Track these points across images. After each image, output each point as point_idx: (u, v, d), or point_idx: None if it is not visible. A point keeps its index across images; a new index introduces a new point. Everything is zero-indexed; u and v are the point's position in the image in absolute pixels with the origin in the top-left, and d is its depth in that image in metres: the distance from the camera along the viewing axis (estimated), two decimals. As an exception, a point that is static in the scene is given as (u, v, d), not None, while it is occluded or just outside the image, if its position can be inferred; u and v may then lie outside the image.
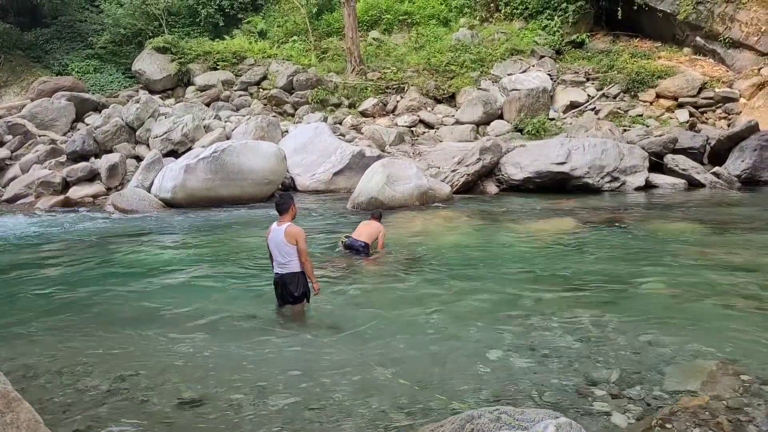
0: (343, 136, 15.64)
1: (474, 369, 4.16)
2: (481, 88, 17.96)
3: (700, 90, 16.42)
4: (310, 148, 13.97)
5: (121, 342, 4.93)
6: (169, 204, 11.95)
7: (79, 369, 4.38)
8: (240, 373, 4.26)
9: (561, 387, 3.78)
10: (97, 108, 17.73)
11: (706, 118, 16.06)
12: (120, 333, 5.17)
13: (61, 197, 12.73)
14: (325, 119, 16.88)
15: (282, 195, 5.49)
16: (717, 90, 16.38)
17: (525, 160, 12.77)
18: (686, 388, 3.67)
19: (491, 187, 12.84)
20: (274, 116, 17.17)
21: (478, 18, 21.40)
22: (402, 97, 18.39)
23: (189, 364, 4.46)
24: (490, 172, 13.00)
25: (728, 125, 15.45)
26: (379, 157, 12.99)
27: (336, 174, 13.24)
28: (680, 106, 16.37)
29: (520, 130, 15.95)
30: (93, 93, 19.17)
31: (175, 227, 10.23)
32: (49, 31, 22.15)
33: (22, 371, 4.36)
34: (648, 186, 12.54)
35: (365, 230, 7.77)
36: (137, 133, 15.27)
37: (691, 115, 15.98)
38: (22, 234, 9.80)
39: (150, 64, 20.04)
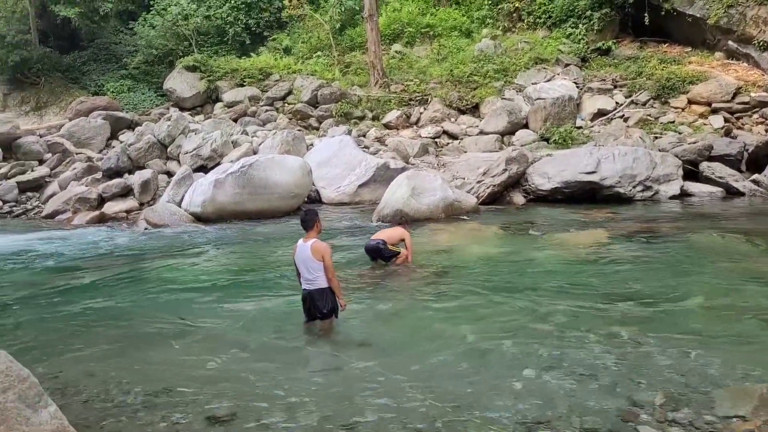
0: (368, 148, 15.66)
1: (509, 388, 4.04)
2: (505, 98, 17.80)
3: (735, 95, 15.92)
4: (335, 161, 14.03)
5: (155, 358, 4.98)
6: (199, 218, 12.12)
7: (115, 384, 4.44)
8: (270, 390, 4.24)
9: (602, 410, 3.62)
10: (131, 126, 18.23)
11: (742, 124, 15.55)
12: (153, 349, 5.22)
13: (97, 213, 13.04)
14: (349, 132, 16.95)
15: (307, 211, 5.50)
16: (752, 94, 15.85)
17: (552, 169, 12.56)
18: (736, 412, 3.47)
19: (518, 198, 12.65)
20: (300, 130, 17.34)
21: (500, 28, 21.29)
22: (425, 109, 18.36)
23: (220, 380, 4.47)
24: (516, 182, 12.81)
25: (766, 131, 14.92)
26: (403, 169, 12.94)
27: (361, 186, 13.24)
28: (714, 111, 15.88)
29: (547, 140, 15.71)
30: (127, 111, 19.71)
31: (205, 241, 10.36)
32: (86, 54, 23.00)
33: (62, 387, 4.42)
34: (683, 195, 12.17)
35: (386, 233, 7.77)
36: (168, 149, 15.60)
37: (726, 120, 15.49)
38: (59, 250, 10.03)
39: (180, 82, 20.54)
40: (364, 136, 17.18)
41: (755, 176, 12.32)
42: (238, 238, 10.54)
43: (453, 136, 17.14)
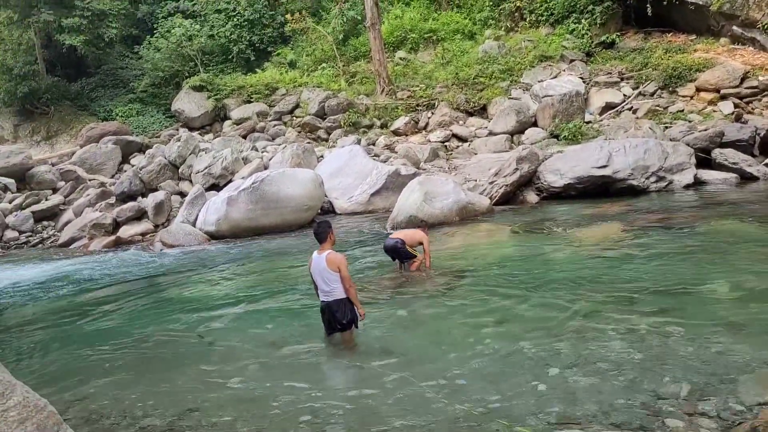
0: (378, 156, 15.73)
1: (533, 388, 4.03)
2: (512, 98, 17.78)
3: (743, 80, 15.73)
4: (346, 171, 14.10)
5: (177, 379, 5.02)
6: (214, 236, 12.24)
7: (140, 408, 4.47)
8: (295, 406, 4.25)
9: (628, 405, 3.60)
10: (141, 149, 18.50)
11: (752, 108, 15.34)
12: (176, 370, 5.26)
13: (113, 237, 13.22)
14: (358, 141, 17.04)
15: (320, 223, 5.50)
16: (761, 78, 15.65)
17: (564, 166, 12.50)
18: (765, 399, 3.43)
19: (531, 197, 12.60)
20: (309, 142, 17.47)
21: (503, 28, 21.31)
22: (433, 113, 18.40)
23: (244, 398, 4.49)
24: (528, 181, 12.77)
25: (777, 113, 14.72)
26: (414, 175, 12.96)
27: (373, 195, 13.29)
28: (723, 98, 15.71)
29: (556, 136, 15.65)
30: (137, 135, 20.01)
31: (221, 259, 10.45)
32: (94, 80, 23.43)
33: (86, 414, 4.46)
34: (697, 183, 12.03)
35: (404, 233, 7.82)
36: (180, 169, 15.80)
37: (736, 106, 15.30)
38: (77, 277, 10.18)
39: (188, 102, 20.83)
40: (373, 144, 17.26)
41: (769, 160, 12.17)
42: (254, 254, 10.62)
43: (462, 139, 17.15)
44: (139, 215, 14.04)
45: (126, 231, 13.54)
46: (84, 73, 23.60)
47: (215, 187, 14.54)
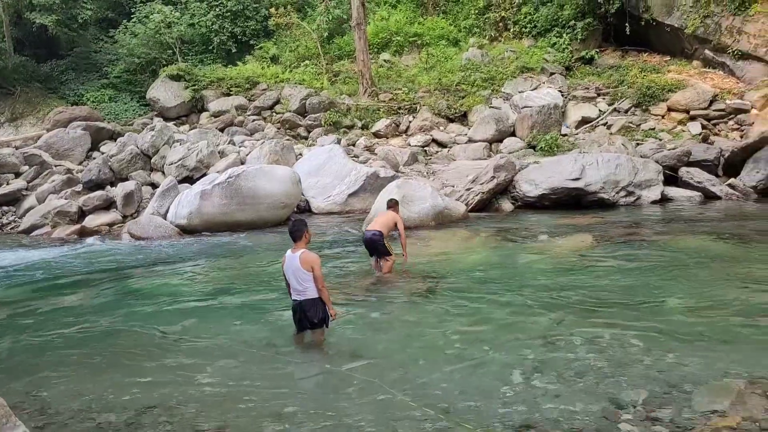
0: (357, 157, 15.75)
1: (499, 393, 4.13)
2: (492, 106, 18.03)
3: (711, 102, 16.33)
4: (325, 171, 14.08)
5: (139, 373, 4.92)
6: (185, 230, 12.05)
7: (98, 403, 4.37)
8: (260, 403, 4.24)
9: (588, 411, 3.73)
10: (113, 137, 18.01)
11: (719, 130, 15.93)
12: (138, 364, 5.15)
13: (78, 226, 12.78)
14: (338, 141, 17.02)
15: (295, 222, 5.49)
16: (728, 102, 16.27)
17: (539, 176, 12.75)
18: (716, 408, 3.60)
19: (506, 205, 12.81)
20: (288, 140, 17.36)
21: (487, 37, 21.59)
22: (414, 117, 18.52)
23: (208, 394, 4.44)
24: (504, 189, 12.98)
25: (741, 136, 15.29)
26: (393, 178, 13.04)
27: (351, 196, 13.31)
28: (692, 118, 16.27)
29: (533, 147, 15.95)
30: (108, 122, 19.51)
31: (191, 254, 10.30)
32: (65, 63, 22.67)
33: (40, 408, 4.34)
34: (663, 199, 12.44)
35: (380, 220, 7.80)
36: (152, 160, 15.48)
37: (704, 127, 15.87)
38: (37, 265, 9.86)
39: (164, 91, 20.42)
40: (353, 145, 17.27)
41: (731, 180, 12.64)
42: (225, 250, 10.51)
43: (442, 144, 17.31)
44: (107, 205, 13.66)
45: (92, 220, 13.14)
46: (55, 54, 22.80)
47: (189, 180, 14.30)
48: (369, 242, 7.67)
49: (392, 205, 8.15)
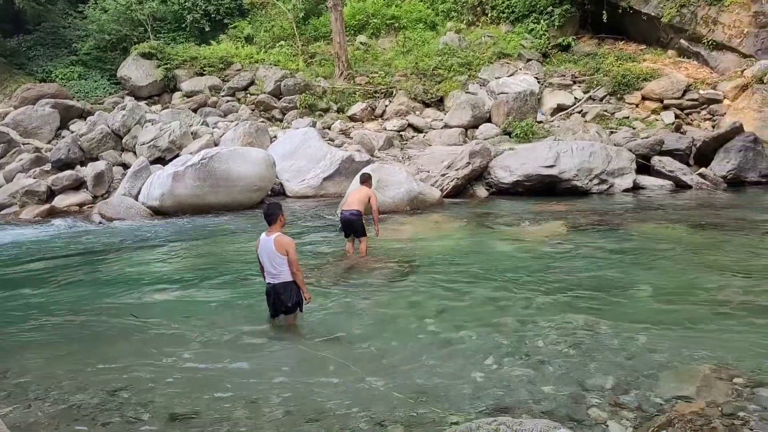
0: (332, 141, 15.59)
1: (470, 377, 4.15)
2: (469, 92, 18.02)
3: (685, 92, 16.60)
4: (299, 154, 13.90)
5: (111, 357, 4.85)
6: (157, 212, 11.82)
7: (68, 385, 4.32)
8: (233, 386, 4.21)
9: (557, 395, 3.78)
10: (82, 115, 17.49)
11: (691, 120, 16.24)
12: (110, 347, 5.10)
13: (46, 206, 12.51)
14: (313, 124, 16.82)
15: (269, 205, 5.41)
16: (701, 92, 16.58)
17: (514, 163, 12.82)
18: (681, 393, 3.68)
19: (481, 191, 12.87)
20: (263, 122, 17.08)
21: (465, 22, 21.50)
22: (390, 101, 18.40)
23: (180, 377, 4.40)
24: (479, 175, 13.03)
25: (713, 127, 15.63)
26: (368, 162, 12.97)
27: (326, 179, 13.19)
28: (666, 108, 16.53)
29: (509, 134, 16.02)
30: (78, 100, 18.91)
31: (163, 236, 10.11)
32: (32, 38, 21.85)
33: (8, 389, 4.27)
34: (636, 188, 12.65)
35: (355, 197, 7.74)
36: (124, 140, 15.07)
37: (677, 116, 16.14)
38: (4, 246, 9.60)
39: (135, 70, 19.85)
40: (328, 128, 17.09)
41: (702, 170, 12.92)
42: (197, 232, 10.33)
43: (418, 129, 17.26)
44: (77, 185, 13.36)
45: (62, 200, 12.86)
46: (22, 29, 21.96)
47: (161, 161, 13.99)
48: (347, 222, 7.67)
49: (365, 179, 8.10)
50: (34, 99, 17.57)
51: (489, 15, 21.24)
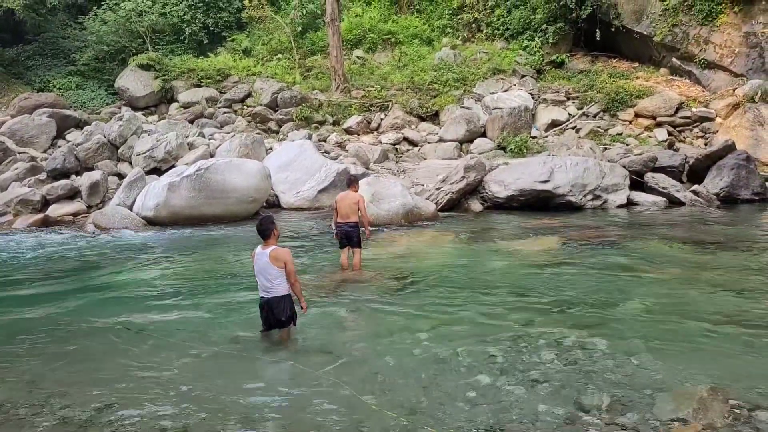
0: (328, 153, 15.63)
1: (464, 395, 4.12)
2: (464, 107, 18.15)
3: (678, 109, 16.79)
4: (295, 166, 13.92)
5: (101, 370, 4.80)
6: (152, 222, 11.77)
7: (58, 400, 4.25)
8: (225, 402, 4.16)
9: (552, 414, 3.75)
10: (79, 125, 17.49)
11: (684, 137, 16.41)
12: (102, 360, 5.03)
13: (41, 216, 12.44)
14: (309, 137, 16.86)
15: (262, 220, 5.33)
16: (694, 109, 16.78)
17: (508, 178, 12.88)
18: (678, 415, 3.66)
19: (475, 205, 12.90)
20: (259, 133, 17.11)
21: (460, 38, 21.72)
22: (386, 115, 18.49)
23: (171, 393, 4.35)
24: (474, 189, 13.07)
25: (705, 144, 15.80)
26: (364, 175, 12.98)
27: (321, 192, 13.19)
28: (658, 125, 16.71)
29: (503, 148, 16.12)
30: (75, 110, 18.92)
31: (157, 247, 10.06)
32: (31, 48, 21.92)
33: (-2, 402, 4.21)
34: (629, 204, 12.72)
35: (346, 206, 7.70)
36: (120, 150, 15.06)
37: (669, 134, 16.31)
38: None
39: (133, 81, 19.90)
40: (324, 140, 17.14)
41: (695, 187, 13.02)
42: (192, 243, 10.28)
43: (413, 143, 17.33)
44: (72, 194, 13.32)
45: (56, 210, 12.79)
46: (21, 39, 22.01)
47: (157, 171, 13.97)
48: (345, 234, 7.73)
49: (352, 182, 8.04)
50: (32, 108, 17.58)
51: (484, 32, 21.49)
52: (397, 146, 17.15)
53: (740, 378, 4.19)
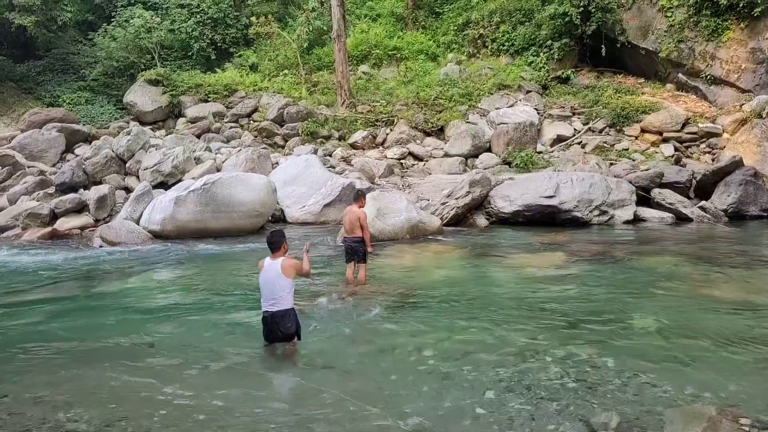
0: (333, 168, 15.69)
1: (471, 411, 4.08)
2: (469, 122, 18.21)
3: (684, 125, 16.77)
4: (301, 180, 13.98)
5: (107, 384, 4.77)
6: (159, 236, 11.81)
7: (65, 413, 4.23)
8: (229, 416, 4.13)
9: (560, 432, 3.70)
10: (88, 139, 17.66)
11: (691, 153, 16.37)
12: (105, 374, 5.00)
13: (49, 229, 12.51)
14: (315, 151, 16.95)
15: (273, 233, 5.47)
16: (700, 125, 16.74)
17: (514, 193, 12.87)
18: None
19: (481, 220, 12.87)
20: (265, 148, 17.21)
21: (465, 53, 21.87)
22: (391, 130, 18.57)
23: (176, 407, 4.32)
24: (479, 204, 13.06)
25: (712, 160, 15.74)
26: (369, 189, 13.00)
27: (326, 206, 13.22)
28: (665, 140, 16.67)
29: (509, 163, 16.13)
30: (84, 124, 19.10)
31: (163, 260, 10.08)
32: (42, 63, 22.26)
33: (5, 415, 4.19)
34: (636, 219, 12.66)
35: (350, 221, 7.72)
36: (127, 164, 15.19)
37: (676, 149, 16.27)
38: (5, 268, 9.56)
39: (141, 96, 20.12)
40: (330, 155, 17.21)
41: (702, 203, 12.96)
42: (198, 257, 10.30)
43: (418, 158, 17.37)
44: (80, 208, 13.39)
45: (64, 223, 12.87)
46: (32, 55, 22.39)
47: (163, 186, 14.06)
48: (350, 249, 7.75)
49: (358, 196, 8.02)
50: (41, 123, 17.78)
51: (489, 47, 21.62)
52: (402, 161, 17.19)
53: (751, 397, 4.12)
